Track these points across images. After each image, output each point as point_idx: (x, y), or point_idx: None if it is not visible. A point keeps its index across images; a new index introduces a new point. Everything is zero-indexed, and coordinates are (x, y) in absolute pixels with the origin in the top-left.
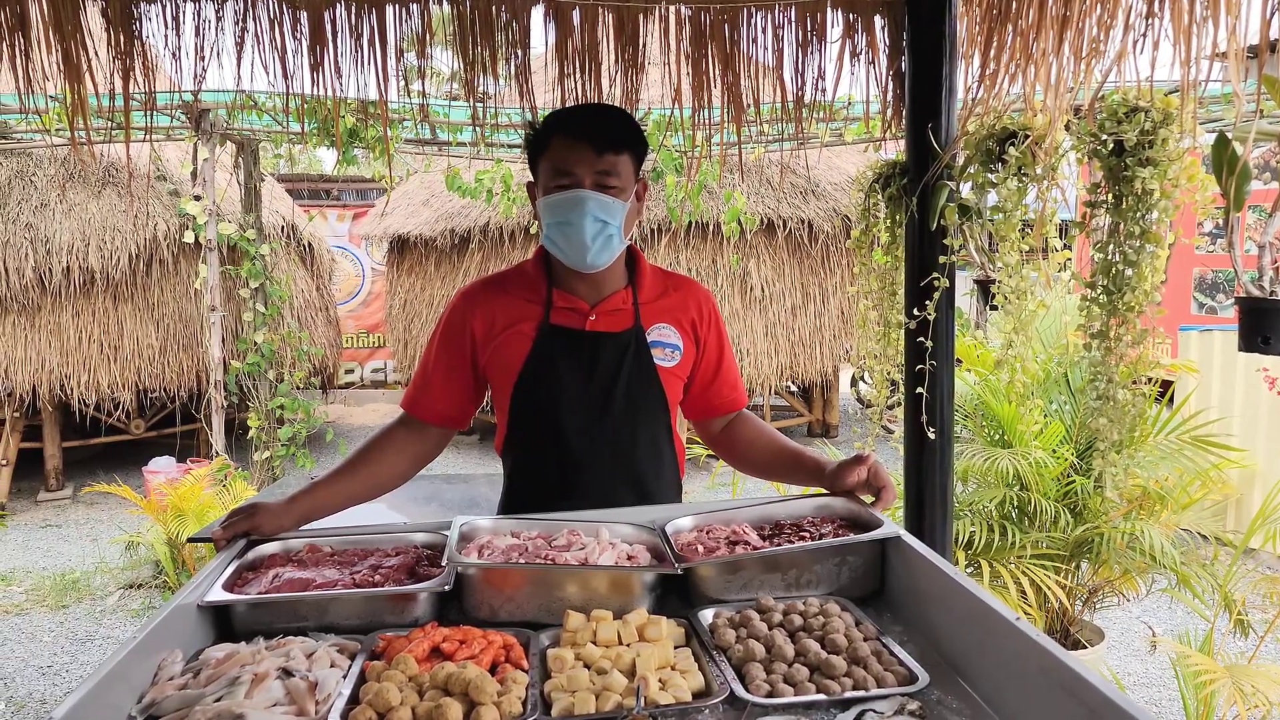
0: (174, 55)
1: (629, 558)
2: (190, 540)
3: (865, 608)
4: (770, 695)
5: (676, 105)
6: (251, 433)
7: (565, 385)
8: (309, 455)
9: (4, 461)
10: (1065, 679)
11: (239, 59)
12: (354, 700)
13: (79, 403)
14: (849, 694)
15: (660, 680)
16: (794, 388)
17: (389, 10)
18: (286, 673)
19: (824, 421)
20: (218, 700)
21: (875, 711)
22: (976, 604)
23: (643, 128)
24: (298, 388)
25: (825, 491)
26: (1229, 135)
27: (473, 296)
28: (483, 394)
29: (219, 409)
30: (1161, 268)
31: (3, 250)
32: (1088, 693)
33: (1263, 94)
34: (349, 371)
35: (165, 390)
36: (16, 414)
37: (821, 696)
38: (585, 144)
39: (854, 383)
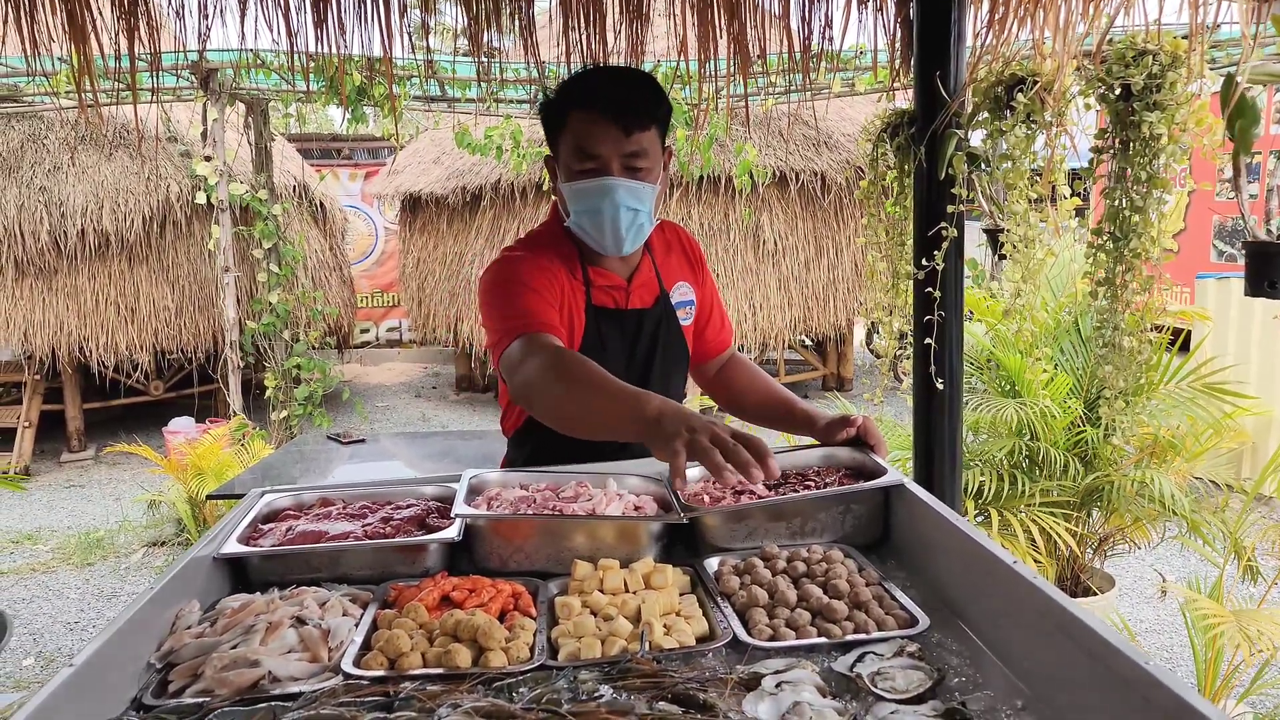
0: (178, 14)
1: (636, 508)
2: (210, 497)
3: (869, 555)
4: (772, 639)
5: (683, 58)
6: (268, 392)
7: (612, 368)
8: (325, 414)
9: (27, 424)
10: (1062, 621)
11: (243, 16)
12: (366, 647)
13: (98, 365)
14: (850, 637)
15: (665, 625)
16: (808, 341)
17: None
18: (300, 621)
19: (838, 375)
20: (234, 648)
21: (875, 654)
22: (976, 549)
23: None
24: (313, 347)
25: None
26: (1237, 77)
27: (543, 256)
28: None
29: (235, 369)
30: (1169, 213)
31: (18, 214)
32: (1083, 634)
33: (1273, 35)
34: (364, 331)
35: (182, 351)
36: (37, 377)
37: (823, 640)
38: (611, 124)
39: (869, 337)
